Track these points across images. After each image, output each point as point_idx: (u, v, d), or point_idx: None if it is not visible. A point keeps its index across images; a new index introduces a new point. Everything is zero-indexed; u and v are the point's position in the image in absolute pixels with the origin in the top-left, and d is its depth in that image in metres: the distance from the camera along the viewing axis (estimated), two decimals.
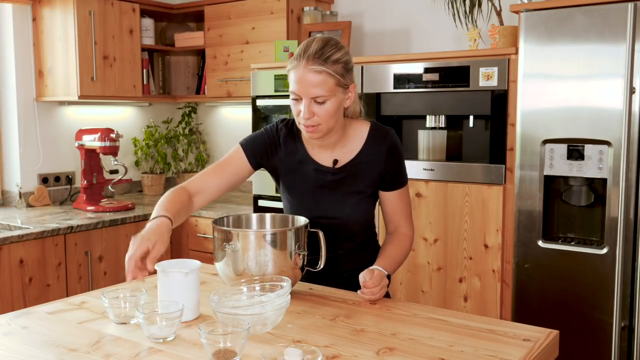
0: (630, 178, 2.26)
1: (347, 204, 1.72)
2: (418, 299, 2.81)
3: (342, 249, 1.77)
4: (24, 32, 3.52)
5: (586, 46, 2.31)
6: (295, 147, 1.75)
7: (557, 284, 2.43)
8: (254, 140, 1.76)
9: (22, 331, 1.40)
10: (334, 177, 1.72)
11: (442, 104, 2.75)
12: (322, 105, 1.58)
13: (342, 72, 1.59)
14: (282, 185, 1.79)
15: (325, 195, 1.73)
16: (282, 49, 3.32)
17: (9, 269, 2.75)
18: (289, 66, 1.62)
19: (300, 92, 1.58)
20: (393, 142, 1.73)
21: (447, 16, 3.08)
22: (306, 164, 1.74)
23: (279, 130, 1.77)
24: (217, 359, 1.21)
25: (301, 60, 1.57)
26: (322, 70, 1.55)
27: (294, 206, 1.77)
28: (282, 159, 1.75)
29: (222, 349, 1.21)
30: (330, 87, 1.57)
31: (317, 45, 1.58)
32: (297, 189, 1.76)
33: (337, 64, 1.58)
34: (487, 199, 2.62)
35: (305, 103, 1.58)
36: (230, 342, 1.21)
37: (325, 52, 1.57)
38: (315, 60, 1.55)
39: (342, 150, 1.73)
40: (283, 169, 1.76)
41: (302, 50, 1.58)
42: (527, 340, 1.33)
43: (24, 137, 3.53)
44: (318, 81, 1.56)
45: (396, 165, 1.74)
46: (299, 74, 1.57)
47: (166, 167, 4.14)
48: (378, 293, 1.59)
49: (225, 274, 1.57)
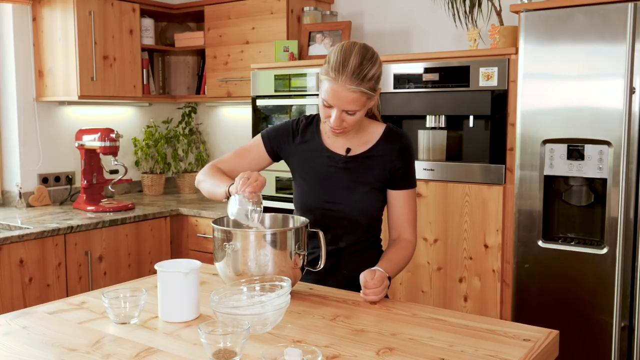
0: (630, 178, 2.26)
1: (355, 193, 1.76)
2: (418, 299, 2.81)
3: (344, 242, 1.78)
4: (24, 32, 3.52)
5: (586, 46, 2.31)
6: (312, 135, 1.82)
7: (557, 284, 2.43)
8: (275, 130, 1.86)
9: (22, 331, 1.40)
10: (345, 165, 1.77)
11: (442, 104, 2.75)
12: (352, 115, 1.64)
13: (375, 85, 1.63)
14: (294, 170, 1.85)
15: (334, 181, 1.77)
16: (282, 49, 3.32)
17: (9, 269, 2.75)
18: (323, 74, 1.62)
19: (334, 104, 1.62)
20: (406, 142, 1.79)
21: (447, 16, 3.08)
22: (320, 152, 1.80)
23: (299, 121, 1.85)
24: (217, 359, 1.21)
25: (339, 76, 1.57)
26: (358, 90, 1.58)
27: (304, 190, 1.82)
28: (297, 146, 1.83)
29: (222, 349, 1.21)
30: (362, 102, 1.62)
31: (356, 61, 1.58)
32: (309, 173, 1.81)
33: (372, 80, 1.61)
34: (487, 199, 2.62)
35: (336, 114, 1.63)
36: (230, 342, 1.22)
37: (364, 69, 1.58)
38: (354, 80, 1.57)
39: (356, 142, 1.78)
40: (298, 156, 1.83)
41: (340, 64, 1.58)
42: (527, 340, 1.33)
43: (24, 137, 3.53)
44: (353, 99, 1.59)
45: (407, 165, 1.78)
46: (335, 89, 1.59)
47: (166, 167, 4.14)
48: (379, 294, 1.59)
49: (225, 274, 1.57)
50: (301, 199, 1.83)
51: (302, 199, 1.82)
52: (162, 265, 1.48)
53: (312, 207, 1.79)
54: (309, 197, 1.80)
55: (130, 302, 1.46)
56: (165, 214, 3.44)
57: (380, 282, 1.59)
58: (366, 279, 1.59)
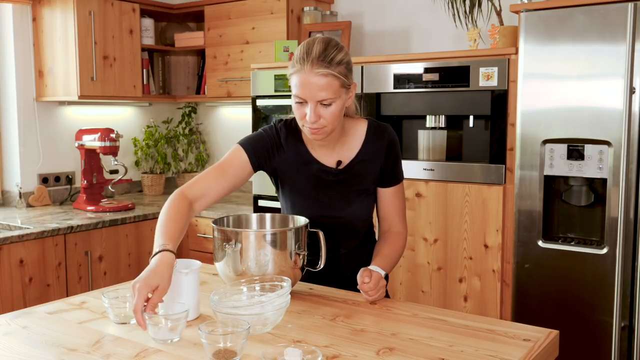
0: (630, 178, 2.26)
1: (351, 203, 1.73)
2: (418, 299, 2.81)
3: (344, 248, 1.77)
4: (24, 32, 3.52)
5: (586, 46, 2.31)
6: (297, 148, 1.72)
7: (557, 284, 2.43)
8: (255, 141, 1.72)
9: (22, 331, 1.40)
10: (337, 177, 1.72)
11: (442, 104, 2.75)
12: (328, 107, 1.56)
13: (346, 72, 1.57)
14: (283, 186, 1.77)
15: (329, 195, 1.73)
16: (282, 49, 3.32)
17: (9, 269, 2.75)
18: (290, 70, 1.58)
19: (306, 96, 1.55)
20: (392, 138, 1.75)
21: (447, 16, 3.08)
22: (309, 165, 1.72)
23: (278, 131, 1.73)
24: (217, 358, 1.21)
25: (305, 63, 1.53)
26: (327, 73, 1.52)
27: (297, 206, 1.75)
28: (284, 160, 1.72)
29: (222, 349, 1.21)
30: (335, 89, 1.55)
31: (320, 47, 1.54)
32: (301, 189, 1.74)
33: (340, 65, 1.55)
34: (487, 199, 2.62)
35: (311, 107, 1.55)
36: (230, 342, 1.21)
37: (329, 54, 1.53)
38: (320, 63, 1.52)
39: (342, 149, 1.72)
40: (285, 170, 1.74)
41: (304, 53, 1.54)
42: (527, 340, 1.33)
43: (24, 137, 3.53)
44: (324, 84, 1.53)
45: (394, 161, 1.75)
46: (304, 78, 1.53)
47: (166, 167, 4.14)
48: (376, 295, 1.59)
49: (225, 274, 1.57)
50: (295, 214, 1.73)
51: (296, 214, 1.73)
52: None
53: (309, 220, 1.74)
54: (305, 212, 1.71)
55: (130, 302, 1.45)
56: None
57: (376, 284, 1.58)
58: (362, 280, 1.57)
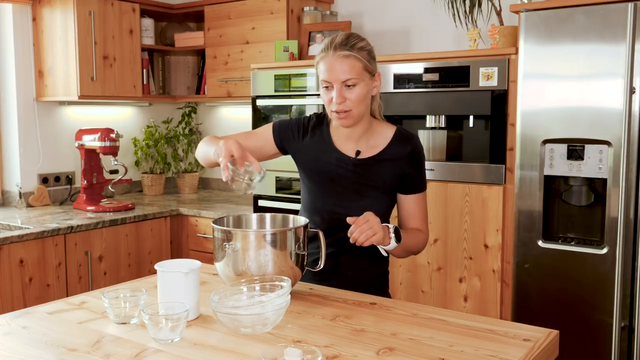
0: (630, 178, 2.26)
1: (364, 197, 1.76)
2: (418, 299, 2.81)
3: (348, 244, 1.77)
4: (24, 32, 3.52)
5: (586, 46, 2.31)
6: (322, 135, 1.81)
7: (557, 284, 2.43)
8: (285, 123, 1.86)
9: (22, 331, 1.40)
10: (354, 168, 1.76)
11: (442, 104, 2.75)
12: (352, 89, 1.66)
13: (368, 58, 1.68)
14: (302, 170, 1.85)
15: (344, 183, 1.77)
16: (282, 49, 3.32)
17: (9, 269, 2.75)
18: (317, 59, 1.71)
19: (331, 79, 1.65)
20: (416, 146, 1.79)
21: (447, 16, 3.08)
22: (329, 152, 1.79)
23: (310, 119, 1.85)
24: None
25: (329, 50, 1.66)
26: (349, 55, 1.64)
27: (312, 192, 1.82)
28: (306, 143, 1.82)
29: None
30: (358, 70, 1.65)
31: (342, 36, 1.68)
32: (318, 174, 1.80)
33: (363, 51, 1.67)
34: (487, 199, 2.62)
35: (336, 88, 1.65)
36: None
37: (351, 40, 1.67)
38: (343, 47, 1.65)
39: (366, 144, 1.78)
40: (305, 154, 1.82)
41: (329, 42, 1.68)
42: (527, 340, 1.33)
43: (24, 137, 3.53)
44: (347, 65, 1.64)
45: (417, 170, 1.79)
46: (329, 62, 1.66)
47: (166, 167, 4.14)
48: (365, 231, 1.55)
49: (225, 274, 1.57)
50: (310, 201, 1.82)
51: (311, 201, 1.82)
52: (162, 265, 1.48)
53: (320, 210, 1.79)
54: (318, 199, 1.80)
55: (130, 302, 1.46)
56: (165, 214, 3.44)
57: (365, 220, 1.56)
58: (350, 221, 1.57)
